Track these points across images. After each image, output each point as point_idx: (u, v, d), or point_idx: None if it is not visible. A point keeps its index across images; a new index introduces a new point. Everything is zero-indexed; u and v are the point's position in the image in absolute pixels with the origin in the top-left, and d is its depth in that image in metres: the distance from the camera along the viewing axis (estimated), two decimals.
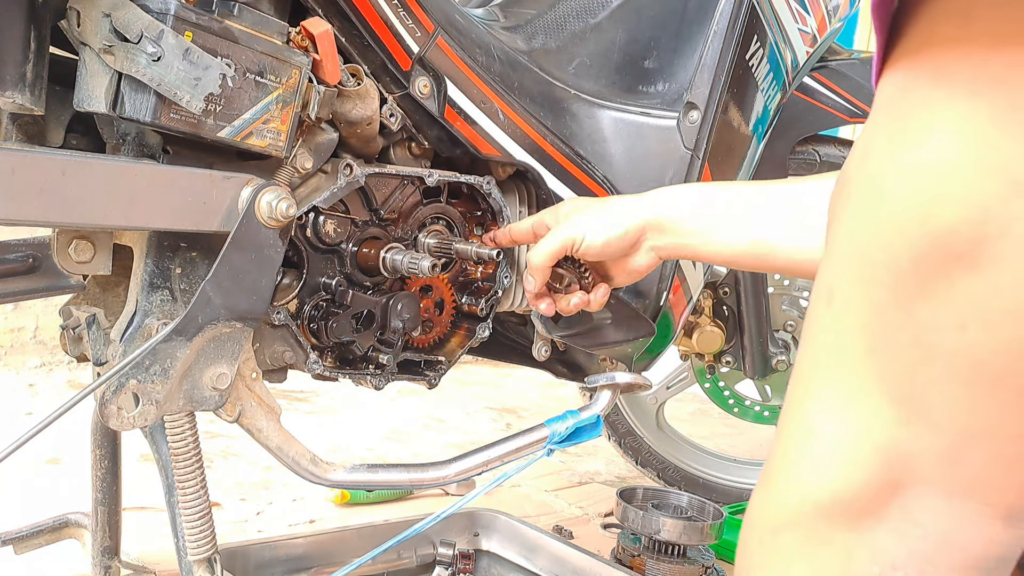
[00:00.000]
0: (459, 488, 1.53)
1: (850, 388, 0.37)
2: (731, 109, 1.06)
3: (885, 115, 0.35)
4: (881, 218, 0.34)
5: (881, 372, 0.35)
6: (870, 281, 0.35)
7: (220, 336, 0.73)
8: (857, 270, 0.36)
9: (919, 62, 0.33)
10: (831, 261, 0.38)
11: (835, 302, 0.37)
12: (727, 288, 1.45)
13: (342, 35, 0.79)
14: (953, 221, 0.32)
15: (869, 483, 0.36)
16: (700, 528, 1.19)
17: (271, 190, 0.72)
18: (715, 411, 1.72)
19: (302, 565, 1.07)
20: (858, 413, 0.36)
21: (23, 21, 0.64)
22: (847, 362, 0.37)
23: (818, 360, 0.38)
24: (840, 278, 0.37)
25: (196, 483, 0.77)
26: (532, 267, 0.90)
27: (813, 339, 0.39)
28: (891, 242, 0.34)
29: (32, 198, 0.61)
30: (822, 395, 0.38)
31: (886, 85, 0.35)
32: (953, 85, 0.32)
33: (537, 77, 0.97)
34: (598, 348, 1.03)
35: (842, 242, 0.37)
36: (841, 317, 0.37)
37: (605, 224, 0.86)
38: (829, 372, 0.38)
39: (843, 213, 0.37)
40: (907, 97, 0.34)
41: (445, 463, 0.92)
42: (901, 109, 0.34)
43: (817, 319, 0.39)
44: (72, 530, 1.02)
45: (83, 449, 0.97)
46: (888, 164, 0.34)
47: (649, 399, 1.62)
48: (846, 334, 0.37)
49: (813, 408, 0.38)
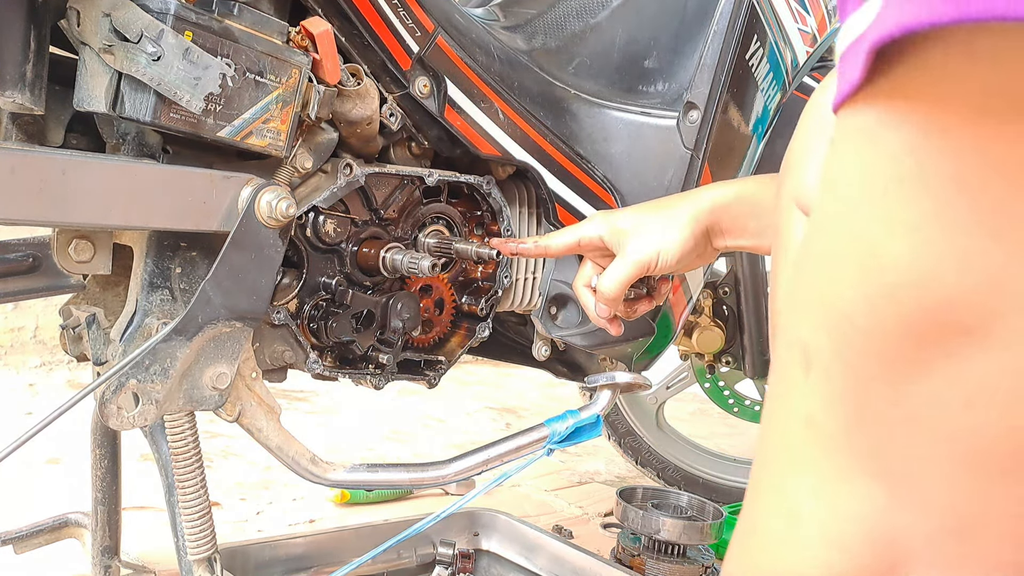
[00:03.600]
0: (459, 488, 1.53)
1: (834, 467, 0.33)
2: (731, 109, 1.06)
3: (870, 151, 0.29)
4: (868, 279, 0.30)
5: (869, 450, 0.32)
6: (854, 350, 0.31)
7: (220, 336, 0.73)
8: (837, 334, 0.31)
9: (921, 106, 0.28)
10: (801, 312, 0.34)
11: (813, 371, 0.33)
12: (727, 288, 1.45)
13: (342, 35, 0.79)
14: (959, 290, 0.28)
15: (863, 570, 0.33)
16: (700, 528, 1.19)
17: (271, 190, 0.72)
18: (715, 411, 1.72)
19: (302, 565, 1.07)
20: (845, 494, 0.33)
21: (23, 21, 0.64)
22: (829, 438, 0.33)
23: (796, 433, 0.34)
24: (817, 341, 0.32)
25: (196, 483, 0.77)
26: (607, 298, 0.87)
27: (788, 407, 0.35)
28: (881, 309, 0.30)
29: (32, 198, 0.61)
30: (802, 472, 0.34)
31: (866, 114, 0.29)
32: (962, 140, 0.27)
33: (537, 77, 0.97)
34: (598, 348, 1.03)
35: (817, 294, 0.32)
36: (820, 388, 0.33)
37: (673, 239, 0.83)
38: (809, 447, 0.34)
39: (816, 258, 0.33)
40: (900, 140, 0.28)
41: (445, 463, 0.92)
42: (892, 151, 0.29)
43: (792, 384, 0.34)
44: (72, 530, 1.02)
45: (83, 449, 0.97)
46: (876, 215, 0.29)
47: (649, 399, 1.62)
48: (827, 407, 0.33)
49: (793, 486, 0.35)
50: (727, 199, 0.84)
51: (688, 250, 0.84)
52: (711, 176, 1.07)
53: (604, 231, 0.88)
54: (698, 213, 0.84)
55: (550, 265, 1.01)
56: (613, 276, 0.86)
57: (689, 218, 0.84)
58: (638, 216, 0.87)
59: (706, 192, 0.86)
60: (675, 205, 0.86)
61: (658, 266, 0.84)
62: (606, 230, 0.88)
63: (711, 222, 0.84)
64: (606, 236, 0.88)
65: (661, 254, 0.84)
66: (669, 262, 0.84)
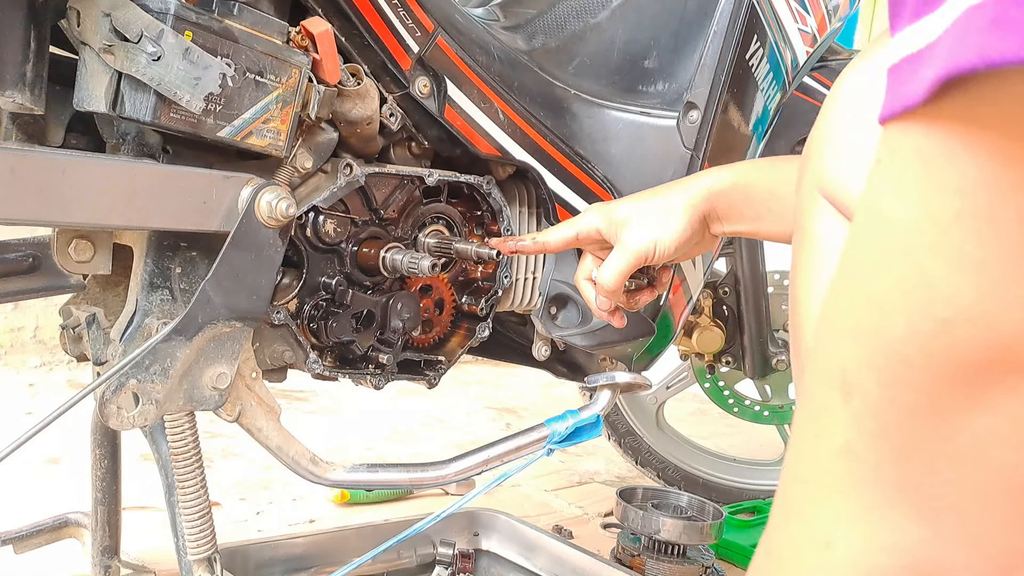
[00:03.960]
0: (459, 488, 1.53)
1: (873, 497, 0.32)
2: (731, 109, 1.06)
3: (933, 180, 0.28)
4: (922, 313, 0.29)
5: (912, 483, 0.31)
6: (902, 382, 0.30)
7: (220, 336, 0.73)
8: (884, 366, 0.30)
9: (997, 140, 0.26)
10: (842, 338, 0.32)
11: (854, 400, 0.32)
12: (727, 288, 1.45)
13: (342, 35, 0.79)
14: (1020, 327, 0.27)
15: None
16: (700, 528, 1.19)
17: (271, 190, 0.72)
18: (715, 411, 1.72)
19: (302, 565, 1.07)
20: (883, 525, 0.32)
21: (23, 21, 0.64)
22: (869, 467, 0.32)
23: (830, 460, 0.34)
24: (860, 371, 0.31)
25: (196, 483, 0.77)
26: (607, 290, 0.87)
27: (823, 434, 0.34)
28: (935, 343, 0.29)
29: (32, 198, 0.61)
30: (836, 500, 0.33)
31: (926, 137, 0.28)
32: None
33: (537, 77, 0.97)
34: (598, 348, 1.03)
35: (862, 322, 0.31)
36: (861, 418, 0.32)
37: (671, 227, 0.83)
38: (845, 475, 0.33)
39: (860, 285, 0.32)
40: (970, 173, 0.27)
41: (445, 463, 0.92)
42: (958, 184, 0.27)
43: (827, 410, 0.33)
44: (72, 530, 1.02)
45: (83, 449, 0.97)
46: (935, 248, 0.28)
47: (649, 399, 1.62)
48: (868, 437, 0.32)
49: (826, 514, 0.34)
50: (723, 185, 0.84)
51: (686, 238, 0.84)
52: None
53: (601, 223, 0.88)
54: (695, 201, 0.84)
55: (550, 265, 1.01)
56: (612, 267, 0.86)
57: (686, 206, 0.84)
58: (634, 206, 0.87)
59: (702, 179, 0.86)
60: (671, 193, 0.86)
61: (656, 255, 0.84)
62: (603, 222, 0.88)
63: (708, 209, 0.84)
64: (603, 228, 0.87)
65: (659, 243, 0.84)
66: (667, 251, 0.84)
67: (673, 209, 0.84)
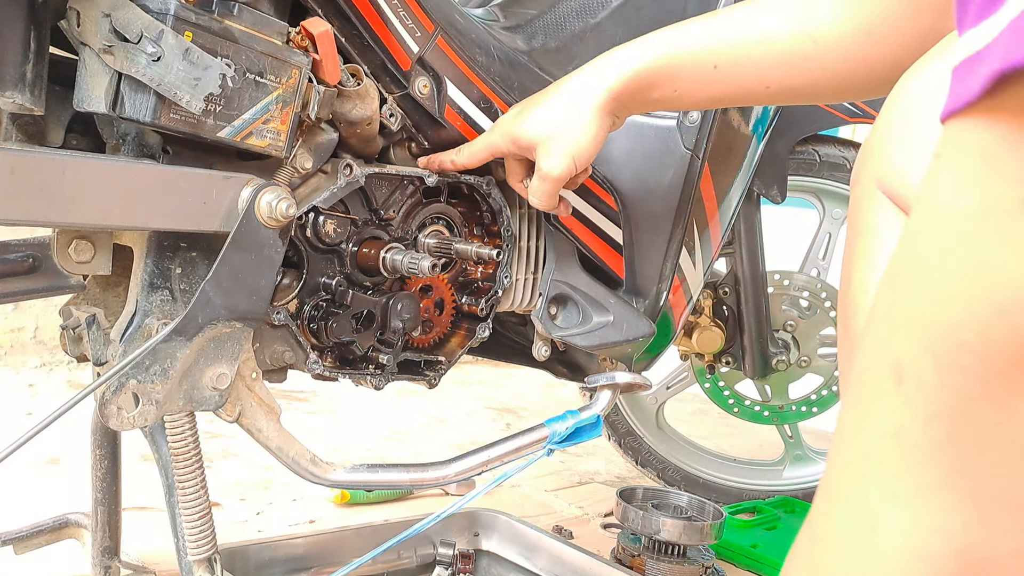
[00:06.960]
0: (459, 488, 1.53)
1: (924, 480, 0.33)
2: (731, 109, 1.06)
3: (992, 171, 0.29)
4: (981, 297, 0.29)
5: (964, 467, 0.32)
6: (957, 368, 0.31)
7: (220, 336, 0.73)
8: (940, 351, 0.31)
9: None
10: (898, 325, 0.33)
11: (907, 384, 0.32)
12: (727, 288, 1.45)
13: (342, 35, 0.79)
14: None
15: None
16: (700, 528, 1.19)
17: (271, 190, 0.72)
18: (715, 411, 1.72)
19: (302, 565, 1.07)
20: (933, 508, 0.32)
21: (23, 21, 0.64)
22: (920, 451, 0.33)
23: (881, 443, 0.34)
24: (915, 356, 0.32)
25: (196, 483, 0.77)
26: (546, 208, 0.87)
27: (873, 418, 0.34)
28: (993, 327, 0.29)
29: (32, 198, 0.61)
30: (886, 483, 0.34)
31: (985, 131, 0.29)
32: None
33: (537, 77, 0.97)
34: (598, 348, 1.03)
35: (919, 308, 0.32)
36: (915, 403, 0.32)
37: (584, 139, 0.81)
38: (896, 458, 0.33)
39: (918, 273, 0.32)
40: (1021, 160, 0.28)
41: (445, 463, 0.92)
42: (1017, 173, 0.28)
43: (879, 395, 0.34)
44: (72, 530, 1.02)
45: (83, 449, 0.97)
46: (992, 230, 0.29)
47: (649, 399, 1.62)
48: (920, 421, 0.32)
49: (875, 496, 0.34)
50: (626, 76, 0.81)
51: (601, 140, 0.83)
52: (711, 176, 1.07)
53: (511, 147, 0.86)
54: (601, 103, 0.82)
55: (550, 265, 1.01)
56: (539, 193, 0.85)
57: (594, 109, 0.82)
58: (540, 123, 0.84)
59: (604, 74, 0.82)
60: (575, 98, 0.83)
61: (578, 168, 0.83)
62: (513, 146, 0.86)
63: (615, 106, 0.82)
64: (514, 150, 0.86)
65: (577, 158, 0.82)
66: (587, 159, 0.83)
67: (581, 118, 0.82)
